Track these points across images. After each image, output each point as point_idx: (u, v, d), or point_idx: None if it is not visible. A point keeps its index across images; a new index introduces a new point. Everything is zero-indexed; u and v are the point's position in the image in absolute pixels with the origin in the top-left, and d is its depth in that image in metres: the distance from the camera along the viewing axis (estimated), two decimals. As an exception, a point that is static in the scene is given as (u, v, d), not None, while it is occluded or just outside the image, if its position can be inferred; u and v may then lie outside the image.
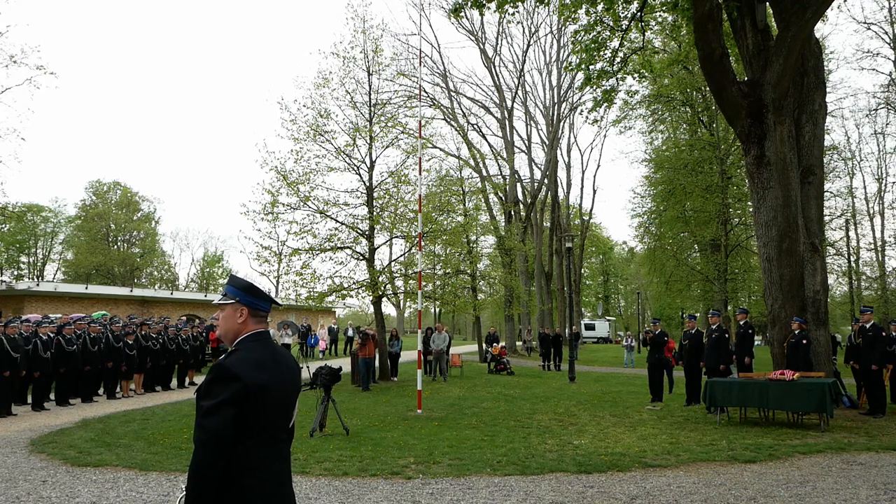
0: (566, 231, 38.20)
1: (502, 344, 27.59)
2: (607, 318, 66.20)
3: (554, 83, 38.42)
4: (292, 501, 2.47)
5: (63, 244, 62.88)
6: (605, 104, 16.15)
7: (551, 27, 37.42)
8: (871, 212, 39.54)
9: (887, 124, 35.98)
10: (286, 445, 2.50)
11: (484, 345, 23.85)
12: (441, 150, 28.85)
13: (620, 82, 16.15)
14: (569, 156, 44.92)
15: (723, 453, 7.94)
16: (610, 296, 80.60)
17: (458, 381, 19.01)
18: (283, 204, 17.45)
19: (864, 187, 40.69)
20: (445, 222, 20.79)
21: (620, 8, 14.42)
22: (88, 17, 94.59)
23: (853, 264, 38.55)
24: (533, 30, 45.34)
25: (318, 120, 17.71)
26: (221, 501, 2.21)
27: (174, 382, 16.96)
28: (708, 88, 19.72)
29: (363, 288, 17.96)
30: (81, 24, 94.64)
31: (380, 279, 17.83)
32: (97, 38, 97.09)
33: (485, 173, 32.90)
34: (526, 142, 39.33)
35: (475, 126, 35.32)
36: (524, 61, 36.60)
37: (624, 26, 14.68)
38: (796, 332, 11.27)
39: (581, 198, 56.88)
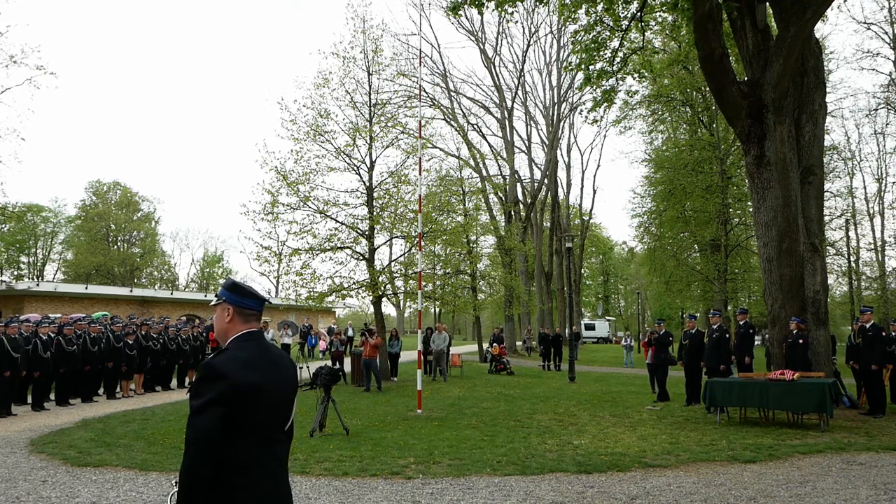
0: (566, 231, 38.19)
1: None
2: (607, 318, 66.20)
3: (554, 83, 38.45)
4: (288, 502, 2.46)
5: (63, 244, 62.89)
6: (605, 104, 16.12)
7: (551, 27, 37.48)
8: (871, 212, 39.55)
9: (887, 124, 35.97)
10: (283, 446, 2.48)
11: (494, 343, 23.84)
12: (441, 150, 28.92)
13: (620, 82, 16.13)
14: (569, 156, 44.98)
15: (723, 453, 7.94)
16: (610, 296, 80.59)
17: (458, 381, 19.01)
18: (283, 204, 17.46)
19: (864, 187, 40.71)
20: (445, 222, 20.79)
21: (620, 8, 14.41)
22: (88, 17, 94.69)
23: (853, 264, 38.53)
24: (533, 30, 45.47)
25: (318, 120, 17.71)
26: (214, 501, 2.21)
27: (174, 382, 16.96)
28: (708, 88, 19.71)
29: (363, 288, 17.95)
30: (81, 24, 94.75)
31: (380, 279, 17.83)
32: (97, 38, 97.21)
33: (485, 173, 32.90)
34: (526, 142, 39.39)
35: (475, 126, 35.35)
36: (524, 61, 36.64)
37: (624, 26, 14.67)
38: (794, 332, 11.27)
39: (581, 198, 56.95)
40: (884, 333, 11.58)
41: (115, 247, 61.72)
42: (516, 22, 35.94)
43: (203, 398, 2.24)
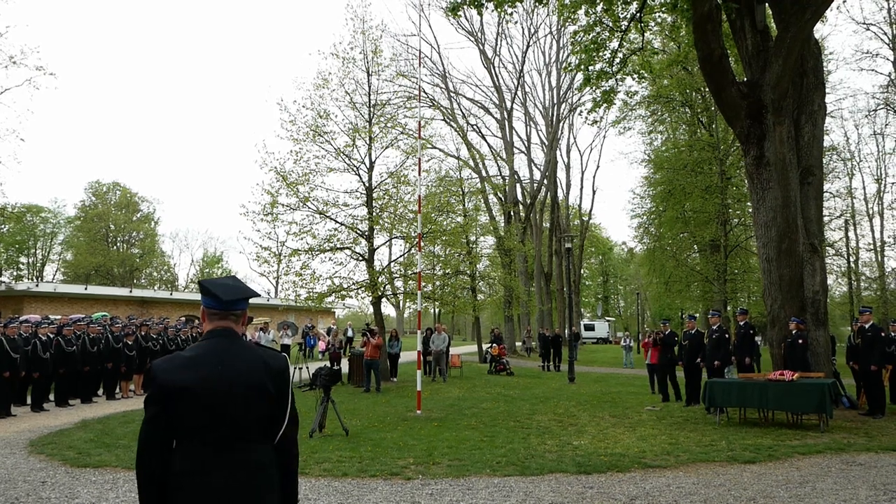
0: (566, 231, 38.19)
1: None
2: (607, 318, 66.18)
3: (553, 84, 38.47)
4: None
5: (62, 245, 62.87)
6: (605, 105, 16.12)
7: (551, 28, 37.51)
8: (871, 212, 39.59)
9: (886, 125, 36.00)
10: (241, 453, 2.27)
11: (494, 343, 23.85)
12: (441, 150, 28.97)
13: (620, 83, 16.13)
14: (568, 156, 45.03)
15: (722, 454, 7.94)
16: (609, 296, 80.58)
17: (458, 381, 19.00)
18: (283, 204, 17.47)
19: (864, 188, 40.82)
20: (445, 223, 20.80)
21: (620, 8, 14.41)
22: (88, 17, 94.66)
23: (853, 264, 38.54)
24: (532, 30, 45.55)
25: (317, 121, 17.72)
26: (166, 500, 2.24)
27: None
28: (707, 89, 19.71)
29: (363, 288, 17.95)
30: (81, 24, 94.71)
31: (379, 280, 17.83)
32: (97, 38, 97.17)
33: (484, 174, 32.93)
34: (525, 142, 39.42)
35: (475, 126, 35.39)
36: (524, 62, 36.73)
37: (623, 27, 14.67)
38: (794, 332, 11.27)
39: (580, 198, 56.82)
40: (883, 334, 11.57)
41: (115, 247, 61.71)
42: (516, 22, 36.08)
43: (148, 398, 2.30)
